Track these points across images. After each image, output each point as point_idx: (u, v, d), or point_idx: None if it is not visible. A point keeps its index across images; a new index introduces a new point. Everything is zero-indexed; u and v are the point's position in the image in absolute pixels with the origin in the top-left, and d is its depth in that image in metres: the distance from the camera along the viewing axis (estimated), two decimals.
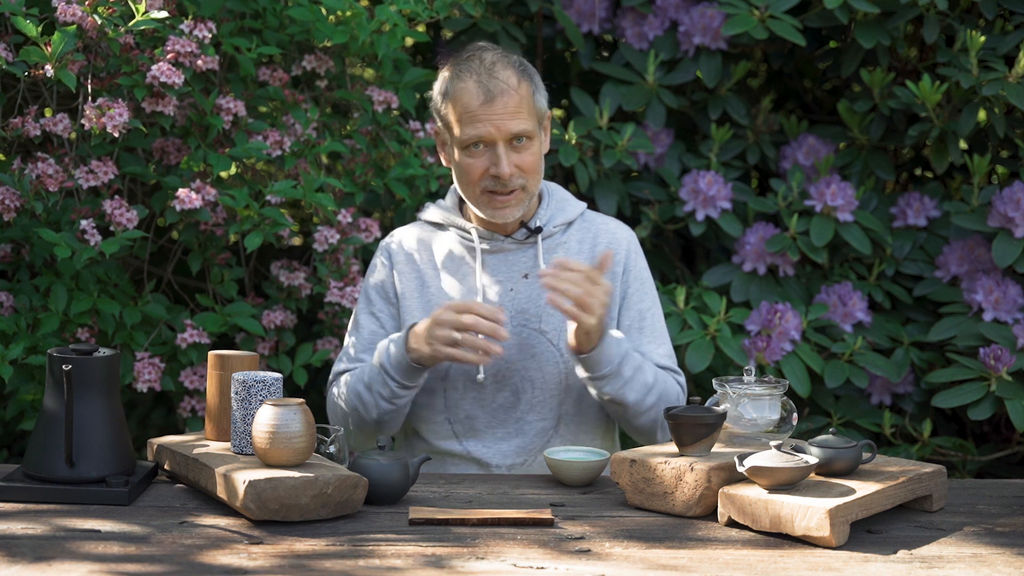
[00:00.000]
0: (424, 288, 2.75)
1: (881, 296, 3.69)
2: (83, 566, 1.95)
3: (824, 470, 2.28)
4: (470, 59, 2.66)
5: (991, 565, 2.04)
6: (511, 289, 2.72)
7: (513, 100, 2.62)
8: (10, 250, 3.25)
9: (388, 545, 2.08)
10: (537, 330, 2.71)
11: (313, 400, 3.69)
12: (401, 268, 2.77)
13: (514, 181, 2.65)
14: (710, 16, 3.78)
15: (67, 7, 2.93)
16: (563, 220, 2.77)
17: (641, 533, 2.17)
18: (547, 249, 2.75)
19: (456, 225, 2.76)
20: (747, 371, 2.44)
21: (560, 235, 2.77)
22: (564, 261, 2.53)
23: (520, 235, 2.74)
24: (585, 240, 2.78)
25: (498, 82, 2.62)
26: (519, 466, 2.71)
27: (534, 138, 2.66)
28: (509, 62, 2.67)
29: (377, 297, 2.79)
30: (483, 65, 2.64)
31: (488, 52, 2.67)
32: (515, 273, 2.73)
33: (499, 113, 2.61)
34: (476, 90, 2.62)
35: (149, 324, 3.28)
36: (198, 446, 2.41)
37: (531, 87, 2.67)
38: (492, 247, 2.74)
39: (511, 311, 2.71)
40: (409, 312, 2.74)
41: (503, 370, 2.70)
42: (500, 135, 2.62)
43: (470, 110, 2.62)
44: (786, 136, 3.96)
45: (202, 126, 3.22)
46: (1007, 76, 3.47)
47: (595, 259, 2.66)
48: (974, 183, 3.61)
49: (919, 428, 3.55)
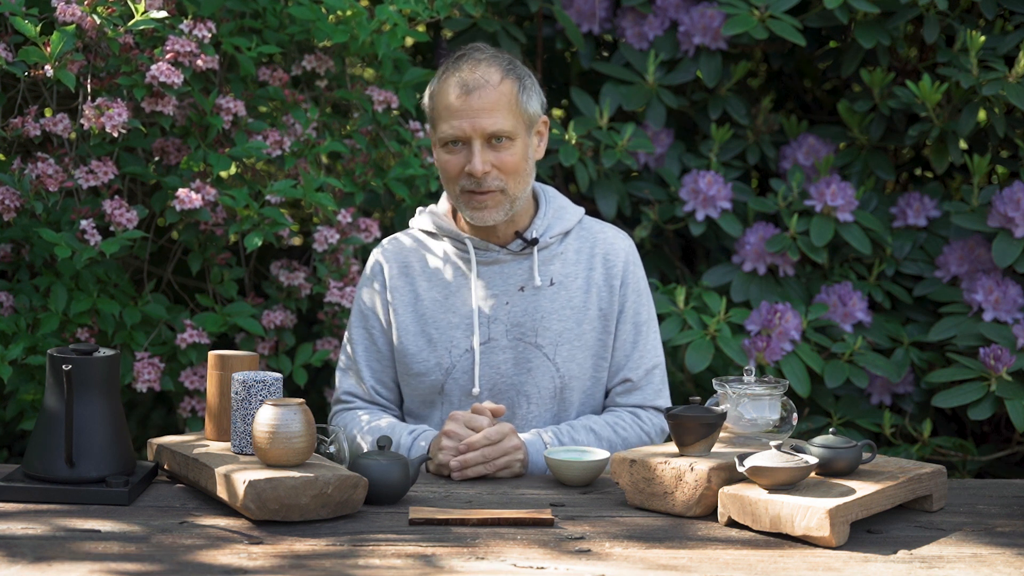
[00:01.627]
0: (417, 301, 2.73)
1: (881, 296, 3.69)
2: (83, 566, 1.95)
3: (824, 470, 2.28)
4: (460, 58, 2.65)
5: (991, 565, 2.04)
6: (507, 303, 2.70)
7: (491, 96, 2.59)
8: (10, 250, 3.25)
9: (388, 545, 2.08)
10: (533, 344, 2.69)
11: (313, 400, 3.70)
12: (394, 282, 2.74)
13: (490, 181, 2.61)
14: (710, 16, 3.78)
15: (66, 7, 2.93)
16: (560, 230, 2.73)
17: (641, 533, 2.17)
18: (543, 260, 2.72)
19: (451, 235, 2.73)
20: (747, 371, 2.44)
21: (557, 245, 2.74)
22: (466, 445, 2.49)
23: (516, 246, 2.71)
24: (583, 250, 2.75)
25: (477, 78, 2.59)
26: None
27: (516, 139, 2.62)
28: (497, 61, 2.64)
29: (370, 313, 2.77)
30: (469, 63, 2.62)
31: (480, 52, 2.66)
32: (511, 286, 2.70)
33: (475, 109, 2.58)
34: (455, 86, 2.60)
35: (149, 324, 3.28)
36: (198, 446, 2.41)
37: (516, 87, 2.62)
38: (487, 258, 2.71)
39: (506, 324, 2.69)
40: (403, 326, 2.72)
41: (499, 383, 2.69)
42: (475, 132, 2.59)
43: (448, 106, 2.61)
44: (786, 136, 3.96)
45: (202, 126, 3.22)
46: (1007, 76, 3.47)
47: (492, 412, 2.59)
48: (974, 183, 3.61)
49: (919, 428, 3.55)
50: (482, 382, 2.68)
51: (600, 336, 2.72)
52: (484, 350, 2.68)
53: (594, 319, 2.71)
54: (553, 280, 2.71)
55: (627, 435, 2.68)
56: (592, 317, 2.71)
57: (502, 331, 2.68)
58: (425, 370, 2.71)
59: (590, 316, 2.71)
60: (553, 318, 2.69)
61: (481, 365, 2.68)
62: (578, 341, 2.70)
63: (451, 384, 2.70)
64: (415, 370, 2.71)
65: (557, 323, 2.69)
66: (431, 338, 2.70)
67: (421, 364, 2.71)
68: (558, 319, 2.69)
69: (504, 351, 2.68)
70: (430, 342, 2.70)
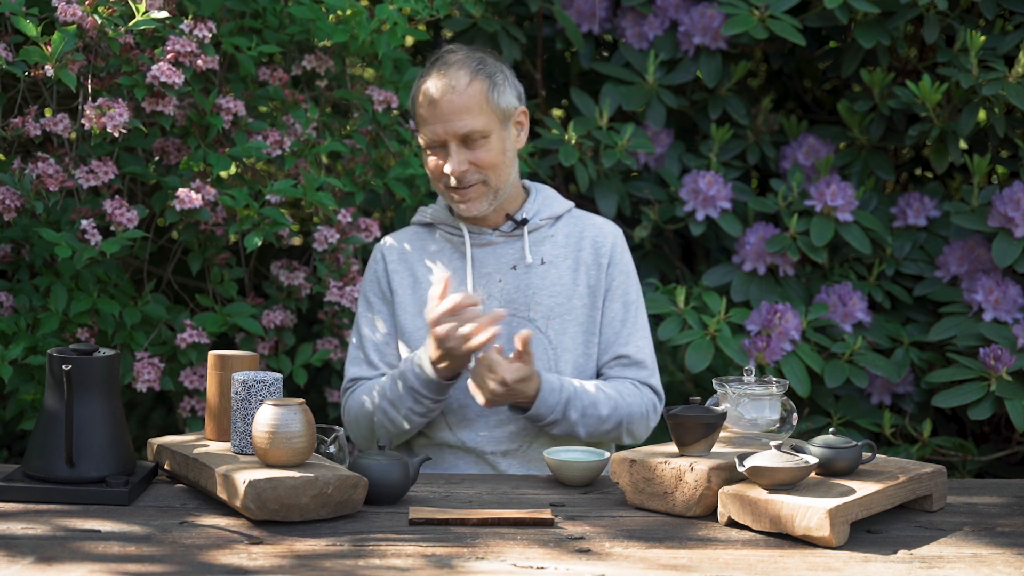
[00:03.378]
0: (416, 284, 2.82)
1: (881, 296, 3.69)
2: (83, 566, 1.95)
3: (824, 470, 2.28)
4: (435, 61, 2.77)
5: (991, 565, 2.04)
6: (500, 280, 2.79)
7: (459, 100, 2.69)
8: (10, 250, 3.25)
9: (388, 545, 2.08)
10: (526, 319, 2.77)
11: (313, 400, 3.70)
12: (394, 267, 2.84)
13: (469, 177, 2.73)
14: (710, 16, 3.78)
15: (67, 7, 2.93)
16: (549, 214, 2.84)
17: (641, 533, 2.17)
18: (534, 242, 2.82)
19: (445, 223, 2.84)
20: (747, 371, 2.44)
21: (547, 228, 2.84)
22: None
23: (507, 228, 2.82)
24: (572, 234, 2.84)
25: (444, 83, 2.71)
26: (514, 452, 2.74)
27: (490, 135, 2.72)
28: (466, 63, 2.74)
29: (375, 298, 2.86)
30: (439, 67, 2.74)
31: (452, 54, 2.76)
32: (503, 265, 2.80)
33: (445, 114, 2.70)
34: (427, 92, 2.73)
35: (149, 324, 3.28)
36: (198, 446, 2.41)
37: (487, 85, 2.72)
38: (480, 240, 2.81)
39: (500, 302, 2.78)
40: (403, 308, 2.81)
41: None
42: (448, 135, 2.71)
43: (422, 112, 2.75)
44: (786, 136, 3.96)
45: (202, 126, 3.22)
46: (1007, 76, 3.47)
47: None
48: (974, 183, 3.61)
49: (919, 428, 3.55)
50: (478, 356, 2.71)
51: (589, 312, 2.80)
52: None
53: (583, 295, 2.80)
54: (544, 259, 2.81)
55: (631, 401, 2.74)
56: (581, 294, 2.80)
57: (496, 306, 2.77)
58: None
59: (579, 292, 2.80)
60: (544, 294, 2.78)
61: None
62: (569, 316, 2.78)
63: None
64: (415, 347, 2.78)
65: (548, 299, 2.78)
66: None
67: (420, 341, 2.78)
68: (549, 295, 2.78)
69: (498, 324, 2.72)
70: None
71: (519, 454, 2.74)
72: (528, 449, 2.74)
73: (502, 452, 2.74)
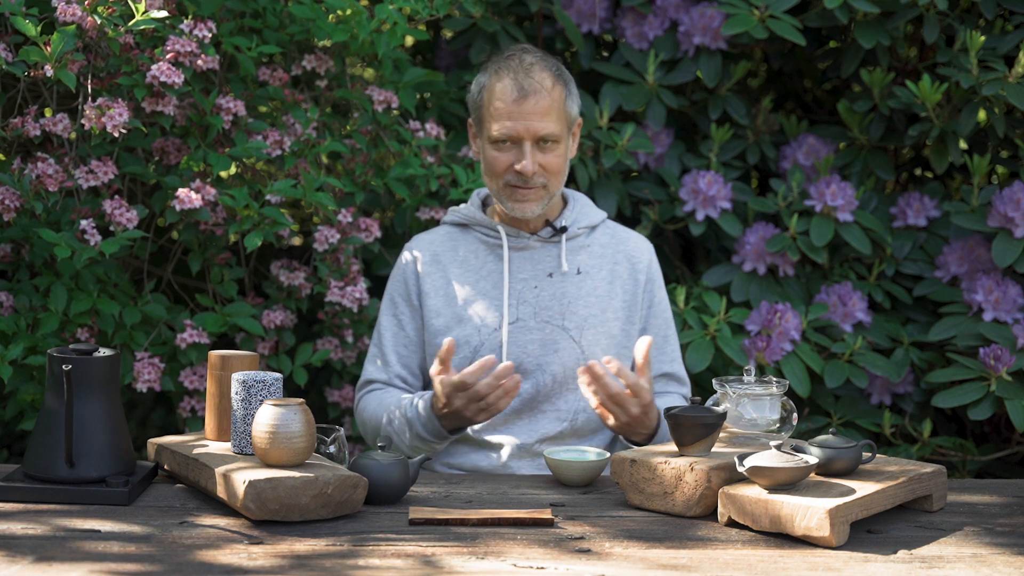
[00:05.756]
0: (448, 286, 2.82)
1: (881, 296, 3.68)
2: (83, 566, 1.95)
3: (824, 470, 2.28)
4: (510, 58, 2.77)
5: (991, 565, 2.04)
6: (535, 286, 2.80)
7: (544, 101, 2.71)
8: (10, 250, 3.25)
9: (388, 545, 2.08)
10: (560, 327, 2.78)
11: (313, 400, 3.70)
12: (426, 268, 2.85)
13: (536, 179, 2.75)
14: (710, 16, 3.78)
15: (67, 7, 2.93)
16: (587, 223, 2.87)
17: (641, 533, 2.17)
18: (571, 250, 2.84)
19: (481, 224, 2.85)
20: (747, 371, 2.44)
21: (584, 238, 2.87)
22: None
23: (545, 233, 2.83)
24: (608, 245, 2.88)
25: (533, 82, 2.72)
26: (529, 446, 2.75)
27: (560, 141, 2.76)
28: (547, 65, 2.76)
29: (399, 299, 2.87)
30: (522, 65, 2.74)
31: (528, 54, 2.77)
32: (539, 271, 2.81)
33: (530, 112, 2.71)
34: (511, 88, 2.72)
35: (149, 324, 3.28)
36: (198, 446, 2.41)
37: (564, 92, 2.76)
38: (518, 244, 2.83)
39: (535, 307, 2.79)
40: (434, 311, 2.81)
41: (525, 362, 2.77)
42: (528, 134, 2.72)
43: (503, 107, 2.72)
44: (786, 136, 3.96)
45: (202, 126, 3.22)
46: (1007, 76, 3.47)
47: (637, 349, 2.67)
48: (974, 183, 3.61)
49: (919, 428, 3.55)
50: (508, 360, 2.73)
51: (623, 326, 2.82)
52: (512, 330, 2.78)
53: (618, 309, 2.82)
54: (580, 269, 2.83)
55: None
56: (616, 307, 2.82)
57: (530, 313, 2.78)
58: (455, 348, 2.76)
59: (614, 306, 2.82)
60: (579, 304, 2.80)
61: (509, 344, 2.77)
62: (602, 327, 2.80)
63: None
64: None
65: (583, 308, 2.80)
66: (461, 318, 2.80)
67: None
68: (584, 305, 2.80)
69: (531, 331, 2.78)
70: (460, 322, 2.80)
71: (536, 449, 2.76)
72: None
73: (518, 444, 2.75)
